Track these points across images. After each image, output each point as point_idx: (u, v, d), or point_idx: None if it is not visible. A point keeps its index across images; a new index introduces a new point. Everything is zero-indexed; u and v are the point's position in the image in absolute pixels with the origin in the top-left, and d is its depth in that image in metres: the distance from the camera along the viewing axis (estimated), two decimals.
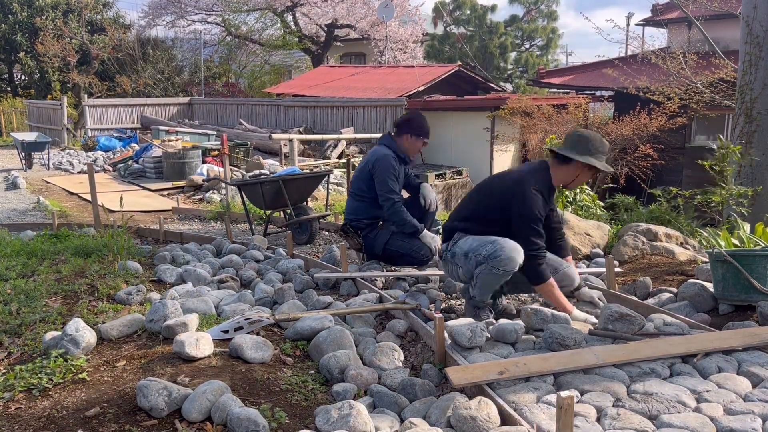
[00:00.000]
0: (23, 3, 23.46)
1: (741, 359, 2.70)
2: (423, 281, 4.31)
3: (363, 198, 4.65)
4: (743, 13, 6.87)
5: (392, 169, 4.51)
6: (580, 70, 16.67)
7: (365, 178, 4.60)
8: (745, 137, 6.71)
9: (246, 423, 2.17)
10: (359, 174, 4.68)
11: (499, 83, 23.45)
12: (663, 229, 4.98)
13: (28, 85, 25.63)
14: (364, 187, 4.62)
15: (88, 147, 15.76)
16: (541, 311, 3.10)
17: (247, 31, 25.01)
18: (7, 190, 10.19)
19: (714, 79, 10.52)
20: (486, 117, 13.13)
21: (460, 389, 2.47)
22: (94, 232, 5.94)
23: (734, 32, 10.87)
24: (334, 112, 15.03)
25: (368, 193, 4.61)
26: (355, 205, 4.70)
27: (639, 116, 11.19)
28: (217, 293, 3.93)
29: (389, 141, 4.65)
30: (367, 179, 4.59)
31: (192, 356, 2.72)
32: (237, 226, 6.90)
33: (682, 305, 3.47)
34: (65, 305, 3.72)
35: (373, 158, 4.56)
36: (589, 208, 6.64)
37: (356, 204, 4.69)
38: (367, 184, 4.60)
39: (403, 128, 4.61)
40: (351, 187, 4.85)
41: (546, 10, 29.36)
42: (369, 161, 4.60)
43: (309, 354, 2.99)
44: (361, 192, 4.64)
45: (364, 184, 4.61)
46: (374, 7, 21.55)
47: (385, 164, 4.50)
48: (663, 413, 2.26)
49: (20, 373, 2.72)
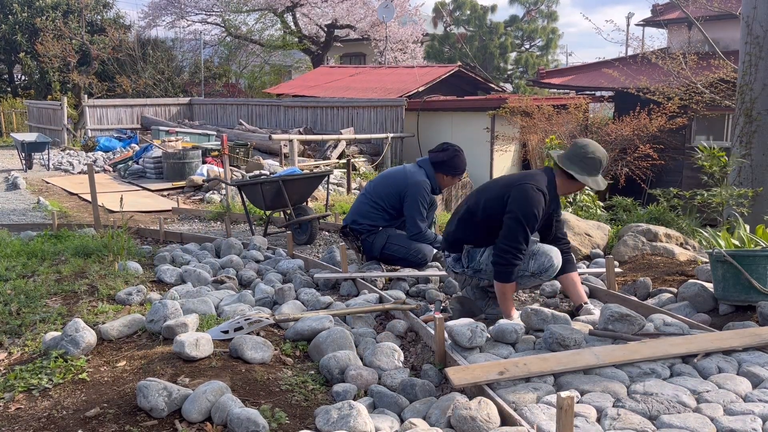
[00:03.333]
0: (23, 3, 23.45)
1: (741, 359, 2.70)
2: (423, 281, 4.31)
3: (376, 206, 4.61)
4: (743, 13, 6.87)
5: (426, 197, 4.48)
6: (580, 71, 16.66)
7: (391, 192, 4.54)
8: (745, 137, 6.71)
9: (246, 423, 2.17)
10: (385, 182, 4.62)
11: (499, 83, 23.43)
12: (663, 229, 4.98)
13: (28, 85, 25.63)
14: (384, 197, 4.57)
15: (88, 147, 15.75)
16: (542, 311, 3.10)
17: (247, 32, 25.01)
18: (7, 190, 10.19)
19: (714, 79, 10.52)
20: (486, 117, 13.13)
21: (460, 389, 2.48)
22: (94, 232, 5.94)
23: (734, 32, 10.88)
24: (334, 113, 15.03)
25: (384, 204, 4.58)
26: (365, 209, 4.66)
27: (639, 116, 11.19)
28: (217, 293, 3.93)
29: (429, 169, 4.53)
30: (393, 194, 4.53)
31: (192, 356, 2.72)
32: (237, 227, 6.90)
33: (682, 305, 3.47)
34: (65, 305, 3.72)
35: (411, 180, 4.48)
36: (589, 208, 6.65)
37: (367, 209, 4.65)
38: (389, 197, 4.55)
39: (442, 167, 4.49)
40: (365, 188, 4.81)
41: (546, 10, 29.35)
42: (404, 181, 4.51)
43: (309, 354, 2.99)
44: (380, 200, 4.60)
45: (387, 196, 4.56)
46: (374, 8, 21.54)
47: (420, 191, 4.45)
48: (663, 413, 2.26)
49: (20, 373, 2.72)
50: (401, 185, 4.51)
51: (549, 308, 3.25)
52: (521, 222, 3.20)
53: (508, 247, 3.21)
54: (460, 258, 3.56)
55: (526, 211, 3.20)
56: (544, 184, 3.29)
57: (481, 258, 3.45)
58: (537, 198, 3.22)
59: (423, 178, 4.50)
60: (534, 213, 3.21)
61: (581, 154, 3.29)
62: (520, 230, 3.21)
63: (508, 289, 3.31)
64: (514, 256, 3.22)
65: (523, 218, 3.19)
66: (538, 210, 3.23)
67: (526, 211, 3.20)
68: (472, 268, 3.50)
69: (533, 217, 3.21)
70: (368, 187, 4.78)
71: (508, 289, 3.31)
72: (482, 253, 3.45)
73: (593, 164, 3.28)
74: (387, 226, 4.62)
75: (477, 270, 3.49)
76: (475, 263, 3.48)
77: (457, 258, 3.58)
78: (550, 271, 3.35)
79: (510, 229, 3.23)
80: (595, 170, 3.29)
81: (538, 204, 3.22)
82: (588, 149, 3.30)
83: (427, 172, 4.53)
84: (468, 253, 3.51)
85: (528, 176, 3.37)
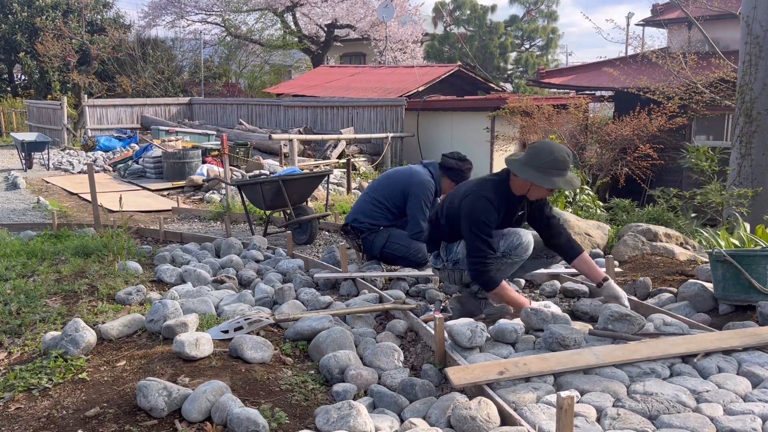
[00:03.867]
0: (23, 3, 23.46)
1: (741, 359, 2.70)
2: (423, 281, 4.31)
3: (379, 205, 4.61)
4: (743, 13, 6.87)
5: (430, 197, 4.49)
6: (580, 70, 16.66)
7: (395, 191, 4.55)
8: (745, 137, 6.71)
9: (246, 423, 2.17)
10: (389, 181, 4.63)
11: (499, 83, 23.44)
12: (663, 229, 4.98)
13: (28, 85, 25.63)
14: (388, 196, 4.58)
15: (88, 147, 15.76)
16: (541, 311, 3.10)
17: (247, 31, 25.01)
18: (7, 190, 10.19)
19: (714, 78, 10.52)
20: (486, 117, 13.13)
21: (460, 389, 2.48)
22: (94, 232, 5.94)
23: (734, 32, 10.88)
24: (334, 112, 15.03)
25: (387, 202, 4.58)
26: (367, 207, 4.66)
27: (639, 116, 11.18)
28: (217, 293, 3.93)
29: (436, 172, 4.54)
30: (397, 192, 4.54)
31: (192, 356, 2.72)
32: (237, 226, 6.90)
33: (682, 305, 3.47)
34: (65, 305, 3.72)
35: (417, 179, 4.49)
36: (589, 208, 6.65)
37: (369, 207, 4.65)
38: (393, 196, 4.56)
39: (452, 174, 4.48)
40: (368, 188, 4.81)
41: (546, 10, 29.35)
42: (408, 179, 4.51)
43: (309, 354, 2.99)
44: (383, 199, 4.60)
45: (391, 195, 4.57)
46: (374, 7, 21.54)
47: (425, 191, 4.46)
48: (663, 413, 2.26)
49: (20, 373, 2.72)
50: (406, 183, 4.52)
51: (549, 308, 3.25)
52: (474, 232, 3.33)
53: (474, 258, 3.34)
54: (438, 254, 3.73)
55: (475, 221, 3.33)
56: (491, 190, 3.38)
57: (457, 248, 3.59)
58: (482, 206, 3.33)
59: (428, 179, 4.50)
60: (482, 221, 3.32)
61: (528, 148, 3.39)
62: (476, 239, 3.32)
63: (500, 290, 3.34)
64: (483, 264, 3.31)
65: (475, 228, 3.33)
66: (487, 216, 3.32)
67: (475, 221, 3.33)
68: (451, 260, 3.63)
69: (483, 224, 3.32)
70: (371, 185, 4.78)
71: (500, 290, 3.34)
72: (458, 245, 3.58)
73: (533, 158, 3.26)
74: (389, 226, 4.62)
75: (455, 261, 3.61)
76: (453, 254, 3.62)
77: (436, 255, 3.76)
78: (520, 248, 3.37)
79: (468, 241, 3.39)
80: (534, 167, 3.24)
81: (484, 212, 3.32)
82: (535, 143, 3.42)
83: (433, 174, 4.54)
84: (445, 247, 3.67)
85: (476, 186, 3.45)
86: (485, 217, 3.31)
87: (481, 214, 3.31)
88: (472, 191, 3.40)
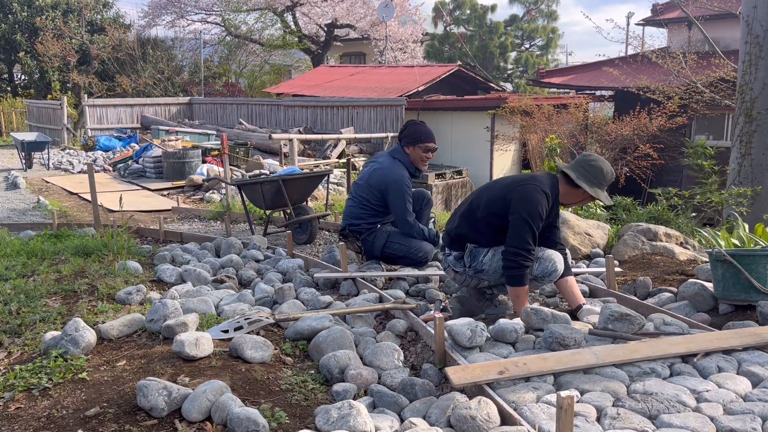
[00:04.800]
0: (23, 3, 23.46)
1: (741, 359, 2.70)
2: (423, 281, 4.31)
3: (365, 206, 4.61)
4: (743, 13, 6.87)
5: (408, 190, 4.48)
6: (580, 70, 16.66)
7: (373, 192, 4.54)
8: (745, 137, 6.71)
9: (246, 423, 2.17)
10: (363, 184, 4.61)
11: (499, 83, 23.45)
12: (663, 228, 4.98)
13: (28, 85, 25.64)
14: (368, 197, 4.58)
15: (88, 147, 15.76)
16: (541, 311, 3.10)
17: (247, 31, 25.01)
18: (7, 189, 10.19)
19: (714, 78, 10.53)
20: (486, 116, 13.13)
21: (460, 389, 2.47)
22: (94, 231, 5.94)
23: (734, 32, 10.88)
24: (334, 112, 15.03)
25: (371, 203, 4.58)
26: (356, 212, 4.66)
27: (639, 116, 11.19)
28: (217, 293, 3.93)
29: (402, 156, 4.54)
30: (376, 194, 4.53)
31: (192, 356, 2.72)
32: (237, 226, 6.90)
33: (682, 305, 3.47)
34: (65, 305, 3.72)
35: (389, 178, 4.46)
36: (589, 207, 6.64)
37: (358, 211, 4.65)
38: (373, 196, 4.55)
39: (406, 141, 4.52)
40: (352, 191, 4.82)
41: (546, 9, 29.35)
42: (382, 179, 4.49)
43: (309, 354, 2.99)
44: (366, 202, 4.60)
45: (370, 196, 4.57)
46: (374, 7, 21.55)
47: (401, 187, 4.44)
48: (663, 413, 2.26)
49: (20, 373, 2.72)
50: (381, 185, 4.52)
51: (549, 308, 3.25)
52: (527, 221, 3.21)
53: (517, 249, 3.22)
54: (461, 257, 3.53)
55: (531, 211, 3.21)
56: (548, 186, 3.31)
57: (484, 258, 3.44)
58: (540, 198, 3.24)
59: (399, 173, 4.48)
60: (538, 212, 3.22)
61: (587, 164, 3.31)
62: (527, 229, 3.21)
63: (521, 293, 3.29)
64: (525, 258, 3.23)
65: (529, 217, 3.20)
66: (542, 209, 3.24)
67: (530, 211, 3.21)
68: (474, 268, 3.48)
69: (538, 216, 3.23)
70: (355, 186, 4.80)
71: (521, 293, 3.29)
72: (485, 254, 3.44)
73: (598, 175, 3.28)
74: (383, 222, 4.63)
75: (479, 270, 3.47)
76: (478, 263, 3.46)
77: (458, 257, 3.55)
78: (553, 275, 3.37)
79: (516, 229, 3.24)
80: (599, 184, 3.28)
81: (541, 204, 3.23)
82: (594, 160, 3.33)
83: (401, 159, 4.55)
84: (471, 252, 3.49)
85: (532, 177, 3.39)
86: (541, 209, 3.22)
87: (538, 206, 3.21)
88: (528, 182, 3.29)
